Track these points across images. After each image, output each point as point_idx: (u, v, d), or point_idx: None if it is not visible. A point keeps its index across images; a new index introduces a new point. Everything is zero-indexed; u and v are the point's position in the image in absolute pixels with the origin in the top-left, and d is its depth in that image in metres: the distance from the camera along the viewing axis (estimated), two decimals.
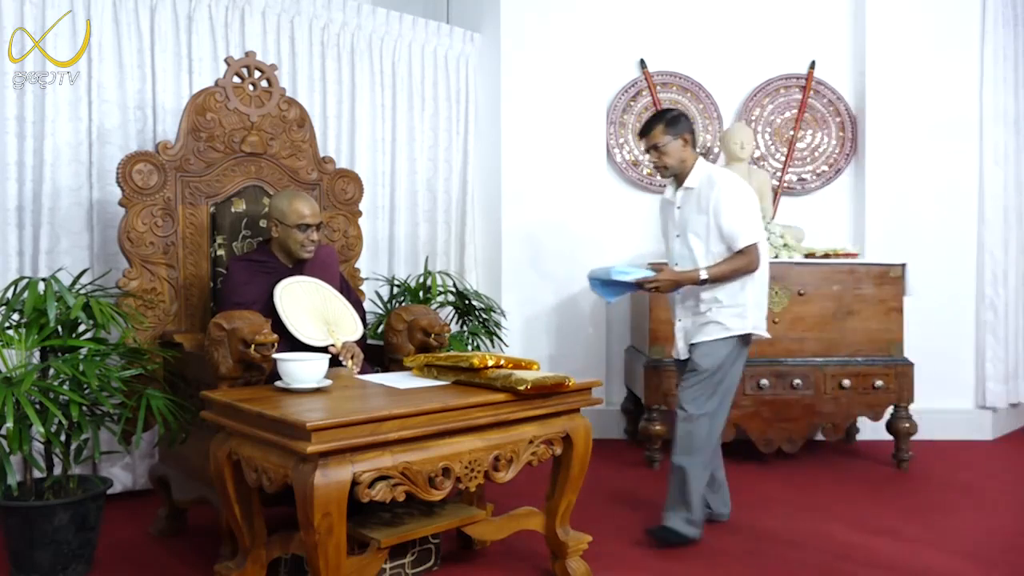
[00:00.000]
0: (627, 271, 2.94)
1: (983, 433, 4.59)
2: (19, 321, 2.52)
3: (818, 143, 4.76)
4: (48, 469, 2.62)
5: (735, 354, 2.94)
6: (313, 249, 2.86)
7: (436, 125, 4.58)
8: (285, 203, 2.82)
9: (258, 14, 3.84)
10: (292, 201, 2.82)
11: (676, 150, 2.96)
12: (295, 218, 2.80)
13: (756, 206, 2.96)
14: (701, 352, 2.93)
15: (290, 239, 2.82)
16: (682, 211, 3.03)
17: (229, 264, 2.87)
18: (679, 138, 2.95)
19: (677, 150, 2.96)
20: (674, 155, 2.97)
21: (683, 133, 2.96)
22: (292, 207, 2.80)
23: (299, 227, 2.80)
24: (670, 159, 2.97)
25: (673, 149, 2.96)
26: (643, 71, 4.74)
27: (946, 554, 2.82)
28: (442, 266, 4.56)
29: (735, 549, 2.87)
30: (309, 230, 2.82)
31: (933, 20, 4.60)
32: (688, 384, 2.94)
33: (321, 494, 1.91)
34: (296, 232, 2.80)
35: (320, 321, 2.76)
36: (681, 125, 2.97)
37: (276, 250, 2.88)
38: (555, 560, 2.57)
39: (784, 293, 3.91)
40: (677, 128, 2.95)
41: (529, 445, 2.36)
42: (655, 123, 2.98)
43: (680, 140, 2.96)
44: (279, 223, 2.82)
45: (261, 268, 2.83)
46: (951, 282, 4.57)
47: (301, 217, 2.80)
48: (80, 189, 3.32)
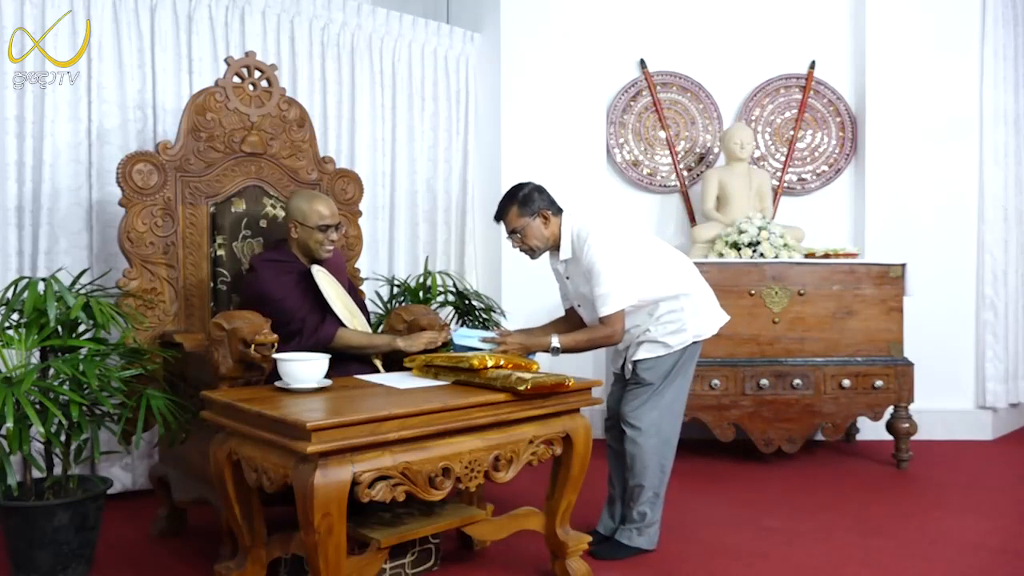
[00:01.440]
0: (469, 335, 2.69)
1: (983, 433, 4.59)
2: (19, 321, 2.51)
3: (818, 143, 4.76)
4: (48, 469, 2.62)
5: (682, 362, 2.80)
6: (332, 249, 2.88)
7: (436, 125, 4.58)
8: (305, 204, 2.83)
9: (258, 14, 3.84)
10: (312, 202, 2.83)
11: (537, 229, 2.75)
12: (316, 219, 2.81)
13: (629, 261, 2.71)
14: (644, 367, 2.78)
15: (311, 240, 2.83)
16: (572, 281, 2.84)
17: (254, 264, 2.83)
18: (537, 216, 2.74)
19: (538, 229, 2.75)
20: (537, 235, 2.76)
21: (540, 210, 2.74)
22: (312, 208, 2.81)
23: (320, 228, 2.81)
24: (534, 240, 2.77)
25: (534, 230, 2.75)
26: (643, 71, 4.74)
27: (946, 554, 2.82)
28: (442, 266, 4.56)
29: (735, 549, 2.87)
30: (329, 230, 2.84)
31: (933, 20, 4.60)
32: (632, 397, 2.80)
33: (321, 494, 1.91)
34: (317, 233, 2.82)
35: (345, 309, 2.83)
36: (535, 202, 2.74)
37: (295, 249, 2.89)
38: (555, 560, 2.57)
39: (784, 293, 3.91)
40: (531, 207, 2.74)
41: (529, 445, 2.36)
42: (507, 207, 2.77)
43: (539, 218, 2.74)
44: (299, 224, 2.83)
45: (286, 268, 2.84)
46: (951, 282, 4.58)
47: (322, 218, 2.81)
48: (80, 189, 3.32)
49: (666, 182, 4.77)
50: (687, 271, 2.86)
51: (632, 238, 2.80)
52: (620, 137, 4.75)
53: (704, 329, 2.83)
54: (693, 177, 4.78)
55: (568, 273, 2.84)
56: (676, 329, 2.77)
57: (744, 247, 4.06)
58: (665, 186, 4.77)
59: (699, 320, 2.82)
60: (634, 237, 2.82)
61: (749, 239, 4.05)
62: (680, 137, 4.79)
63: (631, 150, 4.76)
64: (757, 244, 4.04)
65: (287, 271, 2.83)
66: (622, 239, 2.74)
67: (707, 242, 4.33)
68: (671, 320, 2.77)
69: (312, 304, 2.77)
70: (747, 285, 3.90)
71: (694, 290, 2.83)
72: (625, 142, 4.76)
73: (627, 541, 2.81)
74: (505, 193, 2.84)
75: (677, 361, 2.79)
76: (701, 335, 2.82)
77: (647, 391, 2.78)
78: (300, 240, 2.85)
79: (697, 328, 2.81)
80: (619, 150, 4.75)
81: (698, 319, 2.81)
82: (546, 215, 2.76)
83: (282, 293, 2.75)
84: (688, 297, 2.80)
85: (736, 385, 3.86)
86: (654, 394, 2.78)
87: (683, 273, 2.84)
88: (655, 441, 2.77)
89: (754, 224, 4.09)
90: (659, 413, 2.78)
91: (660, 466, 2.80)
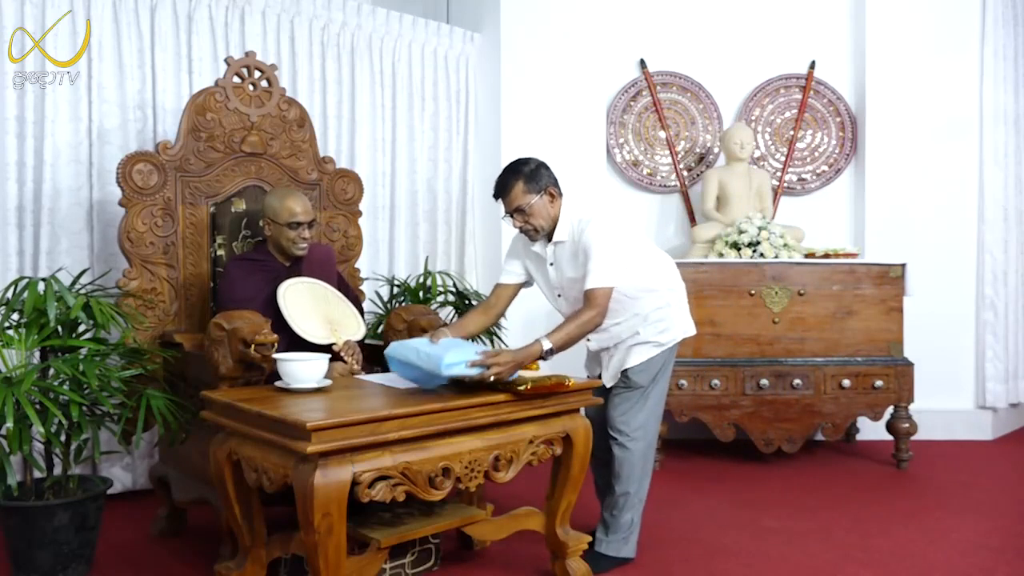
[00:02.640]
0: (455, 362, 2.25)
1: (983, 433, 4.59)
2: (19, 321, 2.51)
3: (818, 143, 4.76)
4: (48, 469, 2.62)
5: (666, 363, 2.76)
6: (306, 247, 2.86)
7: (436, 125, 4.58)
8: (277, 201, 2.82)
9: (258, 14, 3.84)
10: (283, 199, 2.81)
11: (544, 208, 2.58)
12: (286, 216, 2.79)
13: (625, 247, 2.62)
14: (637, 371, 2.70)
15: (282, 237, 2.82)
16: (556, 267, 2.68)
17: (227, 264, 2.87)
18: (544, 193, 2.58)
19: (545, 207, 2.58)
20: (543, 214, 2.58)
21: (547, 186, 2.58)
22: (283, 205, 2.80)
23: (290, 225, 2.79)
24: (540, 220, 2.59)
25: (539, 208, 2.57)
26: (643, 71, 4.74)
27: (946, 554, 2.82)
28: (442, 266, 4.56)
29: (735, 549, 2.87)
30: (300, 227, 2.81)
31: (933, 20, 4.60)
32: (619, 402, 2.73)
33: (321, 494, 1.91)
34: (287, 230, 2.80)
35: (323, 320, 2.76)
36: (542, 178, 2.58)
37: (272, 248, 2.88)
38: (555, 560, 2.57)
39: (784, 293, 3.91)
40: (539, 182, 2.57)
41: (529, 445, 2.36)
42: (511, 181, 2.56)
43: (546, 196, 2.58)
44: (272, 221, 2.82)
45: (259, 267, 2.84)
46: (951, 282, 4.57)
47: (292, 215, 2.79)
48: (80, 189, 3.32)
49: (666, 182, 4.77)
50: (672, 270, 2.83)
51: (629, 231, 2.75)
52: (620, 137, 4.75)
53: (687, 328, 2.80)
54: (693, 177, 4.78)
55: (555, 258, 2.67)
56: (665, 328, 2.72)
57: (744, 247, 4.06)
58: (665, 186, 4.77)
59: (683, 318, 2.80)
60: (630, 230, 2.77)
61: (749, 239, 4.05)
62: (680, 137, 4.79)
63: (631, 150, 4.76)
64: (757, 244, 4.04)
65: (260, 270, 2.82)
66: (621, 228, 2.67)
67: (707, 242, 4.33)
68: (660, 318, 2.71)
69: (268, 309, 2.69)
70: (747, 285, 3.90)
71: (678, 288, 2.80)
72: (625, 142, 4.76)
73: (614, 553, 2.72)
74: (506, 167, 2.63)
75: (664, 361, 2.75)
76: (687, 332, 2.80)
77: (636, 394, 2.72)
78: (273, 238, 2.84)
79: (683, 326, 2.78)
80: (619, 150, 4.75)
81: (683, 317, 2.80)
82: (552, 193, 2.60)
83: (248, 293, 2.73)
84: (673, 293, 2.77)
85: (736, 385, 3.86)
86: (641, 397, 2.73)
87: (669, 271, 2.81)
88: (642, 445, 2.73)
89: (754, 224, 4.09)
90: (645, 416, 2.74)
91: (644, 470, 2.75)
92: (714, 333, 3.87)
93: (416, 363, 2.29)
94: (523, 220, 2.61)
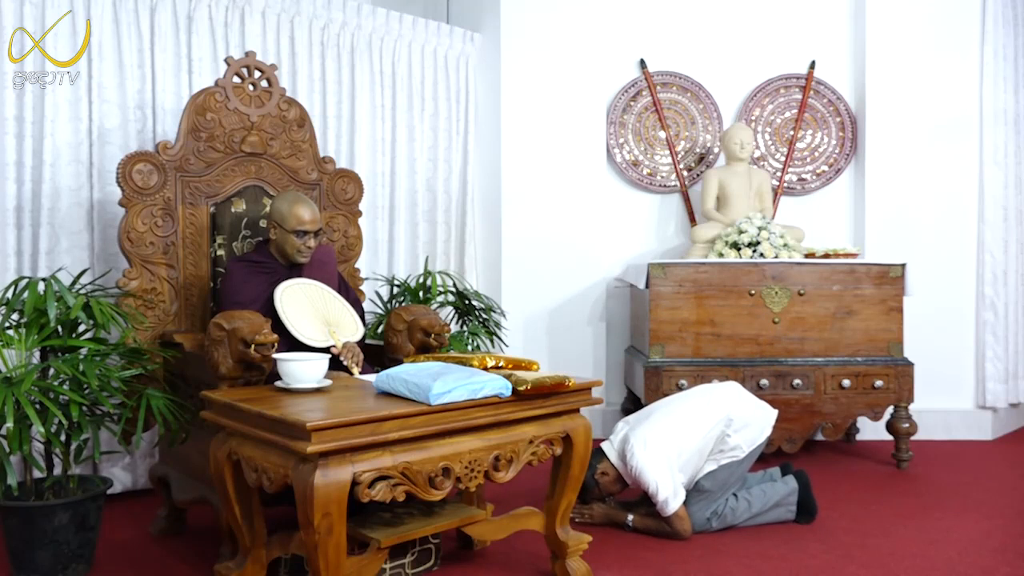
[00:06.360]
0: (447, 391, 2.15)
1: (983, 433, 4.59)
2: (19, 321, 2.52)
3: (818, 143, 4.76)
4: (48, 469, 2.62)
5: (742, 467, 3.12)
6: (309, 255, 2.86)
7: (436, 125, 4.59)
8: (285, 207, 2.81)
9: (258, 14, 3.84)
10: (293, 206, 2.80)
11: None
12: (294, 223, 2.79)
13: (673, 444, 2.99)
14: (705, 479, 3.06)
15: (287, 243, 2.81)
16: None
17: (228, 264, 2.87)
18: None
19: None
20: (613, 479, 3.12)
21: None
22: (292, 212, 2.79)
23: (296, 233, 2.79)
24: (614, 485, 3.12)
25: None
26: (643, 71, 4.74)
27: (946, 554, 2.82)
28: (442, 266, 4.57)
29: (735, 549, 2.87)
30: (307, 236, 2.80)
31: (933, 20, 4.60)
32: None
33: (321, 494, 1.91)
34: (293, 237, 2.79)
35: (321, 322, 2.76)
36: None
37: (274, 251, 2.88)
38: (555, 560, 2.57)
39: (784, 293, 3.91)
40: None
41: (529, 445, 2.36)
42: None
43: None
44: (278, 226, 2.81)
45: (259, 268, 2.83)
46: (951, 282, 4.58)
47: (300, 223, 2.79)
48: (80, 189, 3.32)
49: (666, 182, 4.77)
50: (718, 403, 3.09)
51: (671, 424, 3.02)
52: (620, 137, 4.75)
53: (756, 436, 3.09)
54: (693, 177, 4.78)
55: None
56: (731, 456, 3.04)
57: (744, 247, 4.06)
58: (665, 186, 4.78)
59: (746, 433, 3.06)
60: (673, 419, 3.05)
61: (749, 239, 4.05)
62: (680, 137, 4.79)
63: (631, 150, 4.76)
64: (757, 244, 4.05)
65: (260, 271, 2.82)
66: (660, 433, 2.97)
67: (707, 242, 4.33)
68: (721, 449, 3.03)
69: (269, 311, 2.70)
70: (747, 285, 3.90)
71: (736, 413, 3.07)
72: (625, 142, 4.76)
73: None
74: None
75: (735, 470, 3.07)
76: (755, 441, 3.08)
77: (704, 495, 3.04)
78: (277, 242, 2.84)
79: (750, 439, 3.07)
80: (619, 150, 4.75)
81: (746, 432, 3.06)
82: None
83: (252, 296, 2.73)
84: (731, 423, 3.04)
85: None
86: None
87: (715, 409, 3.06)
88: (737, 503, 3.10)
89: (754, 224, 4.09)
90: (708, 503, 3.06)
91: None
92: (714, 333, 3.87)
93: (406, 396, 2.21)
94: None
